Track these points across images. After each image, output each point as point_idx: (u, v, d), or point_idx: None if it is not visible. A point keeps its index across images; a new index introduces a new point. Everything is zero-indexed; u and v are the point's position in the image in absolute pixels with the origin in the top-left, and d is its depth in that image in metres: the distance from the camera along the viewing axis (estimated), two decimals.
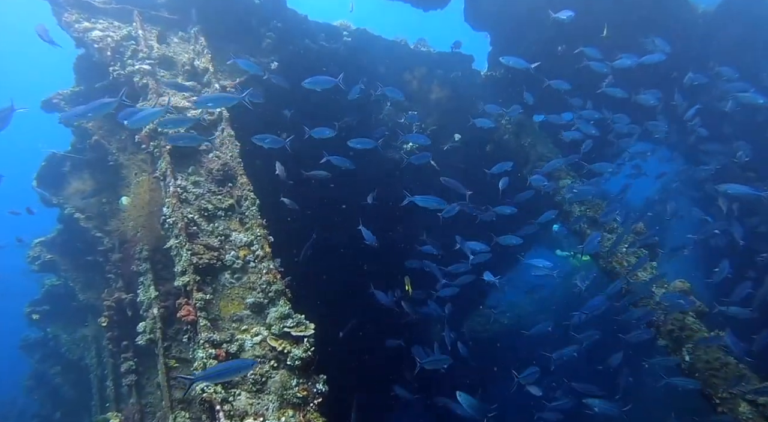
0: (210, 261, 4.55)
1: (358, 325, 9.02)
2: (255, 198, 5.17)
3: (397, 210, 7.89)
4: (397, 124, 8.97)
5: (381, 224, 9.32)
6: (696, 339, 6.82)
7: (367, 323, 9.12)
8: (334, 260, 8.58)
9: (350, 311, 9.00)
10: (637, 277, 7.68)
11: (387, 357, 9.25)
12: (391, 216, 9.19)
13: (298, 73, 8.03)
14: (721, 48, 10.85)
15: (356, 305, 8.82)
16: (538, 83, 9.86)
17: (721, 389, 6.25)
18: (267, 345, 4.23)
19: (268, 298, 4.54)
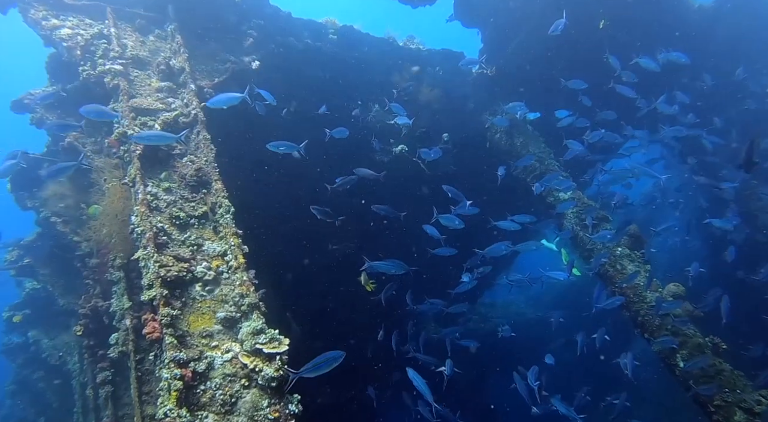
0: (179, 273, 4.33)
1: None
2: (230, 205, 4.94)
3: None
4: (385, 126, 8.74)
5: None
6: (691, 346, 6.68)
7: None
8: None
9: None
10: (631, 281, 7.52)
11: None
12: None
13: (281, 72, 7.83)
14: (718, 43, 10.67)
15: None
16: (529, 81, 9.68)
17: (717, 397, 6.09)
18: (238, 363, 4.02)
19: (240, 312, 4.32)
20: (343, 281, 8.56)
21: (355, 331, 9.22)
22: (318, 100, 8.23)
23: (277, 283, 7.26)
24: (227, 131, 6.61)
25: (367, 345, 9.36)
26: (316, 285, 9.11)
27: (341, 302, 9.41)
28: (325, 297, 9.36)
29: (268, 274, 6.08)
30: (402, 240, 8.99)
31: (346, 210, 7.83)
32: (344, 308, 9.44)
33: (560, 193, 8.59)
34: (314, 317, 8.85)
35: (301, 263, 8.74)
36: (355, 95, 8.75)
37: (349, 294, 8.68)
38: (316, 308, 9.22)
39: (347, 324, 9.44)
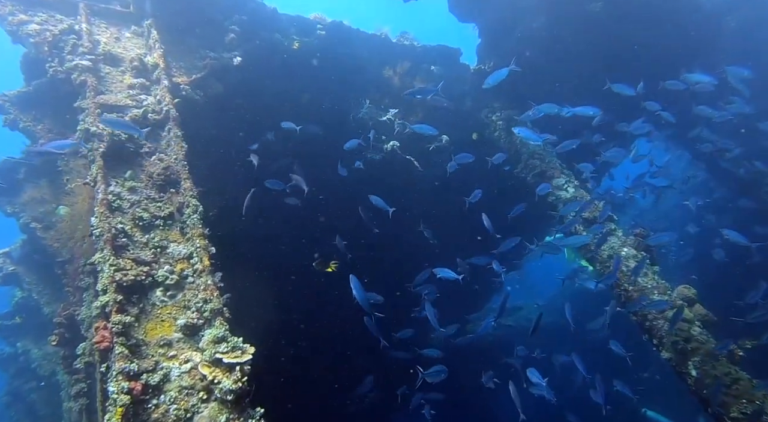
0: (138, 278, 4.02)
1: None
2: (198, 205, 4.64)
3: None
4: (378, 123, 8.42)
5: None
6: (703, 352, 6.20)
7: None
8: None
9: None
10: (638, 284, 7.08)
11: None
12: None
13: (266, 69, 7.56)
14: (728, 35, 10.21)
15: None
16: (531, 79, 9.29)
17: (734, 407, 5.61)
18: (197, 374, 3.68)
19: (203, 318, 4.00)
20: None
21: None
22: (307, 98, 7.98)
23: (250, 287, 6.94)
24: (203, 128, 6.37)
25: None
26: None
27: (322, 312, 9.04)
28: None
29: (241, 278, 5.80)
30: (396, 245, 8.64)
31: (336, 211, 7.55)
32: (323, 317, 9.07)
33: (561, 192, 8.17)
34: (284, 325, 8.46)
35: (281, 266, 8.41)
36: (346, 92, 8.46)
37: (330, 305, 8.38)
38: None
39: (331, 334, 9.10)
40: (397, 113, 8.40)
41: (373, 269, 8.30)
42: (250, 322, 7.64)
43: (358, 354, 10.06)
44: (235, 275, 7.47)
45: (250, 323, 7.62)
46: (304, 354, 9.45)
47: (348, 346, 9.99)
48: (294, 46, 7.05)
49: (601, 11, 8.00)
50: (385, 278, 8.48)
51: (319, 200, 8.28)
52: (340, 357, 10.02)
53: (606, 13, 8.05)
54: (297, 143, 7.81)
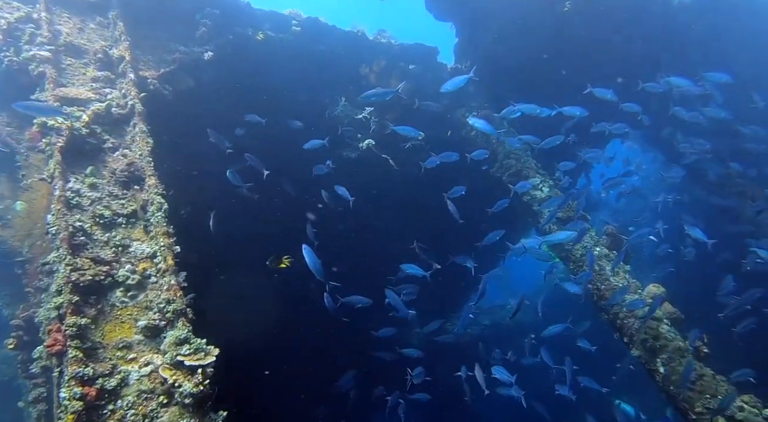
0: (96, 278, 3.86)
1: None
2: (162, 202, 4.49)
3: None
4: (353, 121, 8.34)
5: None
6: (671, 349, 6.31)
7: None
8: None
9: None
10: (610, 283, 7.17)
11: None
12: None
13: (239, 65, 7.41)
14: (699, 40, 10.42)
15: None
16: (507, 79, 9.34)
17: (698, 403, 5.72)
18: (158, 377, 3.55)
19: (165, 319, 3.86)
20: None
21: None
22: (282, 95, 7.84)
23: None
24: (174, 124, 6.19)
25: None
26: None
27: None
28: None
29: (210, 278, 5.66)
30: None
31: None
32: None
33: (537, 192, 8.23)
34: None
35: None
36: (322, 89, 8.35)
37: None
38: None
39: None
40: (373, 111, 8.33)
41: (354, 271, 8.25)
42: (222, 323, 7.49)
43: (338, 353, 9.98)
44: (207, 273, 7.35)
45: (222, 323, 7.47)
46: (279, 355, 9.31)
47: (326, 346, 9.90)
48: (258, 37, 6.90)
49: (571, 12, 8.07)
50: (366, 278, 8.43)
51: (298, 199, 8.20)
52: (318, 357, 9.91)
53: (576, 14, 8.13)
54: (272, 140, 7.69)
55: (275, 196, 7.84)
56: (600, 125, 8.26)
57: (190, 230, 7.61)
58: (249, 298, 8.45)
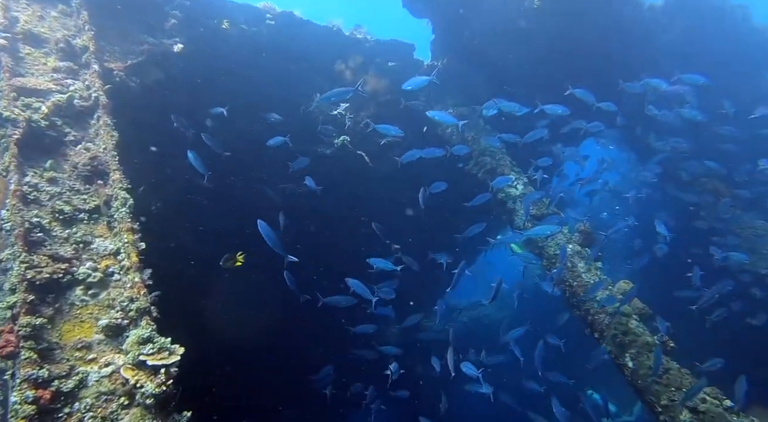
0: (54, 275, 3.71)
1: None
2: (127, 197, 4.35)
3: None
4: (328, 117, 8.26)
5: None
6: (639, 344, 6.44)
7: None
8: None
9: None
10: (582, 279, 7.28)
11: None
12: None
13: (211, 58, 7.25)
14: (668, 43, 10.64)
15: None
16: (484, 76, 9.38)
17: (664, 396, 5.86)
18: (119, 378, 3.44)
19: (128, 318, 3.74)
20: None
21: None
22: (253, 90, 7.71)
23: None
24: (142, 117, 6.02)
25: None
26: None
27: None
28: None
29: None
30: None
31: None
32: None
33: (511, 189, 8.29)
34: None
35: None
36: (297, 85, 8.23)
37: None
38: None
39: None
40: (348, 108, 8.27)
41: (330, 268, 8.19)
42: (193, 320, 7.34)
43: (314, 350, 9.91)
44: (178, 270, 7.19)
45: (193, 321, 7.32)
46: (253, 353, 9.18)
47: (302, 343, 9.81)
48: (223, 25, 6.75)
49: (542, 9, 8.15)
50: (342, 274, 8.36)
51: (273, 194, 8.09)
52: (293, 354, 9.82)
53: (547, 11, 8.21)
54: (247, 135, 7.56)
55: (248, 190, 7.71)
56: (577, 122, 8.38)
57: (161, 226, 7.49)
58: (222, 295, 8.33)
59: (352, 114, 8.31)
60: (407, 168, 8.51)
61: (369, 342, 9.79)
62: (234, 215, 8.02)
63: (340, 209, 8.77)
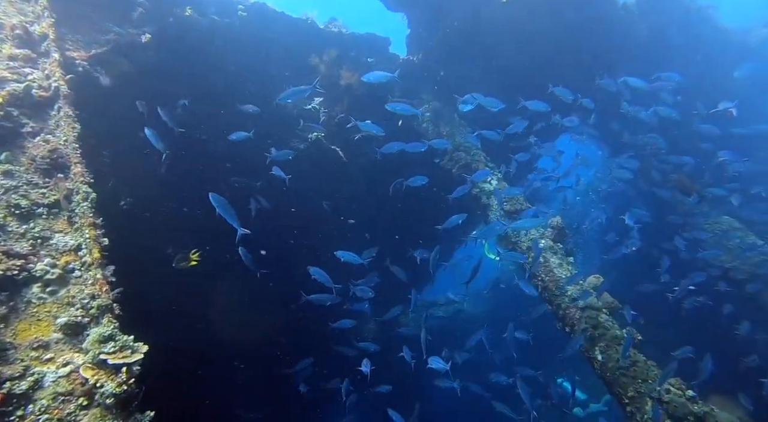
0: (8, 272, 3.56)
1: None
2: (89, 191, 4.20)
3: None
4: (302, 110, 8.15)
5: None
6: (608, 337, 6.57)
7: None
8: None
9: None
10: (554, 274, 7.39)
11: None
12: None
13: (181, 49, 7.07)
14: (639, 41, 10.84)
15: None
16: (459, 71, 9.39)
17: (631, 388, 5.99)
18: (78, 378, 3.32)
19: (89, 316, 3.62)
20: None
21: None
22: (225, 83, 7.55)
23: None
24: (110, 110, 5.83)
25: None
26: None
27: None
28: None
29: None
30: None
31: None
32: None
33: (485, 184, 8.34)
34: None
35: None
36: (269, 78, 8.09)
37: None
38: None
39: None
40: (323, 102, 8.18)
41: (302, 262, 8.09)
42: (162, 317, 7.18)
43: (289, 347, 9.80)
44: (149, 266, 6.99)
45: (162, 318, 7.16)
46: (225, 352, 9.04)
47: (277, 339, 9.69)
48: (186, 12, 6.56)
49: (514, 4, 8.20)
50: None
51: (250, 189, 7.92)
52: (268, 350, 9.70)
53: (520, 6, 8.27)
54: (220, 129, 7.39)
55: (221, 184, 7.56)
56: (554, 117, 8.49)
57: (132, 222, 7.28)
58: (194, 291, 8.15)
59: (326, 108, 8.21)
60: (382, 163, 8.49)
61: (347, 338, 9.75)
62: (206, 209, 7.85)
63: (314, 203, 8.68)
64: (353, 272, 7.54)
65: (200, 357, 8.33)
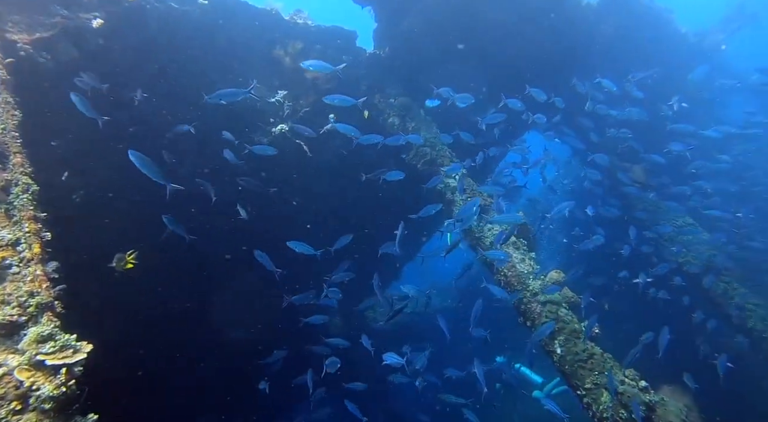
0: None
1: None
2: (29, 183, 3.97)
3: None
4: (265, 104, 7.97)
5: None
6: (567, 331, 6.70)
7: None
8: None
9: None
10: (516, 269, 7.48)
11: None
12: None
13: (136, 37, 6.79)
14: (603, 41, 11.09)
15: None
16: (425, 65, 9.39)
17: (588, 380, 6.13)
18: (12, 380, 3.12)
19: (27, 314, 3.41)
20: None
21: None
22: (181, 73, 7.30)
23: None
24: (60, 98, 5.53)
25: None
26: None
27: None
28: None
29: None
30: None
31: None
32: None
33: (450, 180, 8.37)
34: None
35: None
36: (232, 70, 7.87)
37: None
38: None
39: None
40: (287, 95, 8.02)
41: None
42: (114, 315, 6.92)
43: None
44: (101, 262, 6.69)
45: (113, 316, 6.90)
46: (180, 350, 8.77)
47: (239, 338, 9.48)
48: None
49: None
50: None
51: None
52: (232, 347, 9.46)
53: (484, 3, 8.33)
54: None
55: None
56: (524, 114, 8.58)
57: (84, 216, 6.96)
58: (151, 286, 7.87)
59: (290, 102, 8.05)
60: (348, 158, 8.42)
61: (317, 334, 9.60)
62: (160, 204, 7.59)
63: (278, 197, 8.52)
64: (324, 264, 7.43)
65: (153, 357, 8.06)
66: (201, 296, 8.33)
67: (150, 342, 7.60)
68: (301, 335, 9.40)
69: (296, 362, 9.35)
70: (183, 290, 8.24)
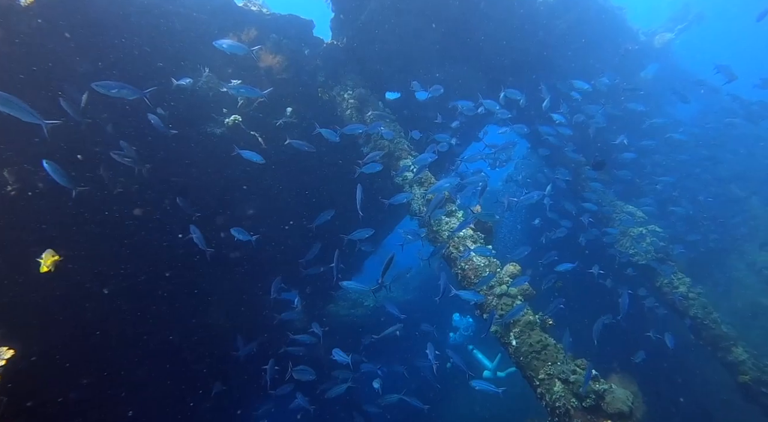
0: None
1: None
2: None
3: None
4: (218, 93, 7.63)
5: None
6: (522, 323, 6.77)
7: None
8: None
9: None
10: (473, 263, 7.50)
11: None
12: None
13: (71, 18, 6.34)
14: (559, 37, 11.25)
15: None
16: (383, 56, 9.27)
17: (542, 370, 6.23)
18: None
19: None
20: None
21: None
22: (128, 62, 6.89)
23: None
24: None
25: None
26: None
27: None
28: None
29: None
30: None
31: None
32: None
33: (408, 173, 8.31)
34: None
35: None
36: (181, 58, 7.49)
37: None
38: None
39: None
40: (241, 84, 7.70)
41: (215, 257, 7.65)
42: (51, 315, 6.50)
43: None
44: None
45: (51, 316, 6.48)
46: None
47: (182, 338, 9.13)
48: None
49: None
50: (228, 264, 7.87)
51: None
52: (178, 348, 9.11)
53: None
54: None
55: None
56: (492, 108, 8.61)
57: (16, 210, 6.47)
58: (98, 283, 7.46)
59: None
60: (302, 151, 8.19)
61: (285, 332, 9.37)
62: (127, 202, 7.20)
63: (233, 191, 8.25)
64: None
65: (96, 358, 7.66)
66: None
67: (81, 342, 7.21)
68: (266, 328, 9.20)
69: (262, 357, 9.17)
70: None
